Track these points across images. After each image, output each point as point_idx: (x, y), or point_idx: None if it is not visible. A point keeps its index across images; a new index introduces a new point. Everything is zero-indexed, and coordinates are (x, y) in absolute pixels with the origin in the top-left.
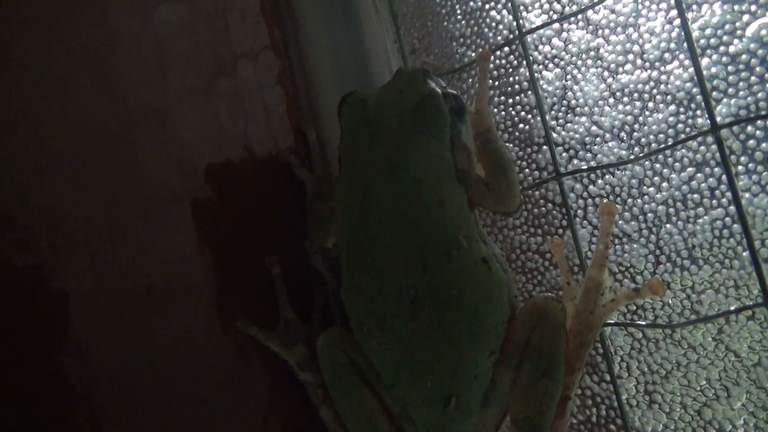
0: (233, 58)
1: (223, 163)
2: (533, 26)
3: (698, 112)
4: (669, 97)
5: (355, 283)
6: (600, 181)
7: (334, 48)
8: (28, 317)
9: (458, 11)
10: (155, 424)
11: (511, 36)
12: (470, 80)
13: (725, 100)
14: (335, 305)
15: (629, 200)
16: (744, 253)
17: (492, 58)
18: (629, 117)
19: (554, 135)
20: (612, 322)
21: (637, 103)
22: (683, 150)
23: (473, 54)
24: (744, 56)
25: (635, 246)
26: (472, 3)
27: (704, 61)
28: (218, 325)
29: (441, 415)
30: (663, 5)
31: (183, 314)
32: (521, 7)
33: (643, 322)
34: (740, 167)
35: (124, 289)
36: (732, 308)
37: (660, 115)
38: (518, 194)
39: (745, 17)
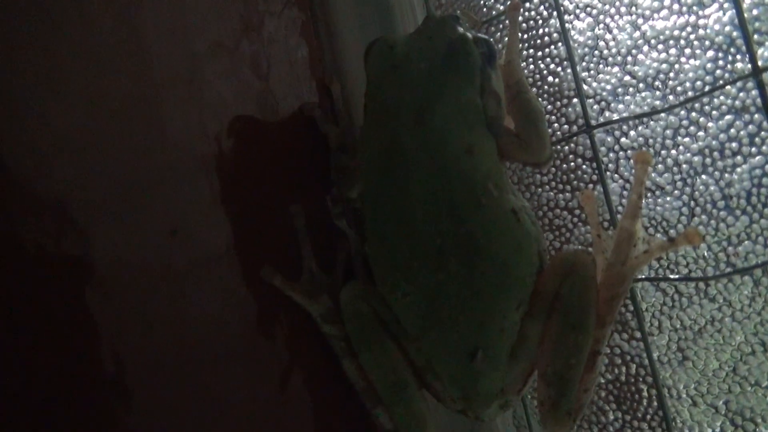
0: (257, 14)
1: (247, 120)
2: None
3: (738, 56)
4: (707, 42)
5: (379, 233)
6: (633, 132)
7: (357, 2)
8: (57, 299)
9: None
10: (181, 384)
11: None
12: (498, 34)
13: (767, 42)
14: (357, 261)
15: (663, 151)
16: None
17: (522, 9)
18: (664, 65)
19: (585, 87)
20: (644, 277)
21: (673, 50)
22: (721, 97)
23: (501, 6)
24: None
25: (669, 199)
26: None
27: (746, 2)
28: (242, 281)
29: (467, 369)
30: None
31: (210, 275)
32: None
33: (676, 276)
34: None
35: (152, 258)
36: None
37: (697, 62)
38: (548, 145)
39: None
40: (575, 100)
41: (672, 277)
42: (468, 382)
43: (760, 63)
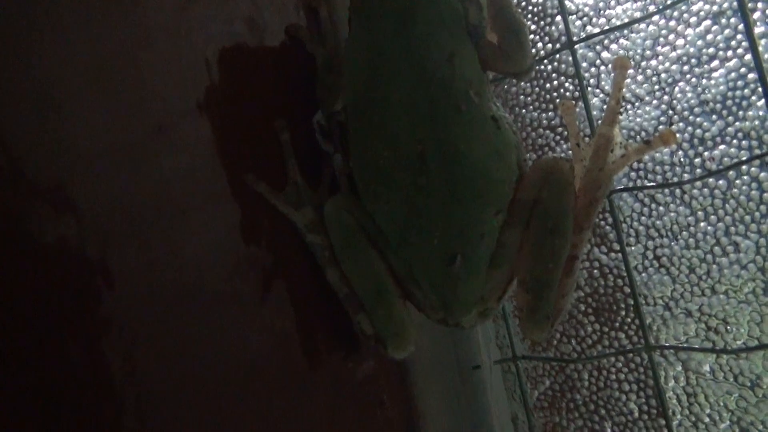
0: None
1: (236, 42)
2: None
3: None
4: None
5: (362, 142)
6: (614, 45)
7: None
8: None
9: None
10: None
11: None
12: None
13: None
14: (341, 176)
15: (642, 62)
16: (759, 102)
17: None
18: None
19: (567, 3)
20: (621, 187)
21: None
22: (699, 3)
23: None
24: None
25: (647, 109)
26: None
27: None
28: (226, 192)
29: (446, 274)
30: None
31: (193, 194)
32: None
33: (653, 184)
34: (757, 14)
35: (153, 211)
36: (743, 158)
37: None
38: (529, 55)
39: None
40: (558, 17)
41: (649, 185)
42: (447, 288)
43: None
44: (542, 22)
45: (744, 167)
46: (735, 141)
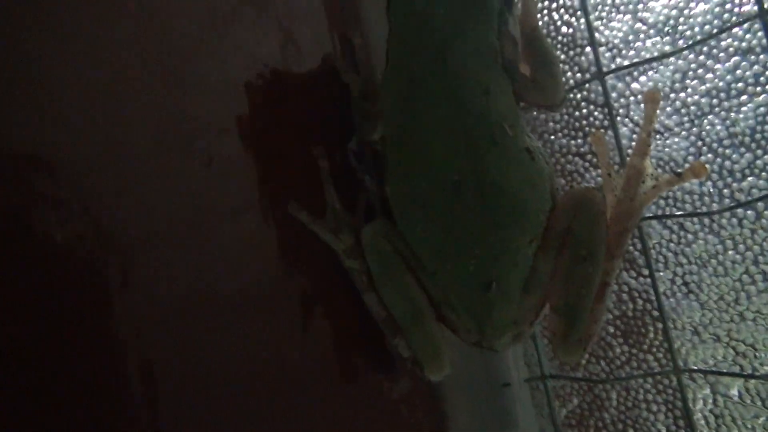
0: None
1: (272, 70)
2: None
3: None
4: None
5: (400, 171)
6: (643, 77)
7: None
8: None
9: None
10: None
11: None
12: None
13: None
14: (378, 201)
15: (672, 94)
16: None
17: None
18: (674, 11)
19: (597, 35)
20: (650, 215)
21: None
22: (728, 39)
23: None
24: None
25: (677, 140)
26: None
27: None
28: (268, 218)
29: (481, 300)
30: None
31: (238, 218)
32: None
33: (682, 213)
34: None
35: (182, 208)
36: None
37: (706, 6)
38: (562, 88)
39: None
40: (588, 48)
41: (678, 213)
42: (482, 313)
43: (765, 4)
44: (572, 52)
45: None
46: (763, 174)
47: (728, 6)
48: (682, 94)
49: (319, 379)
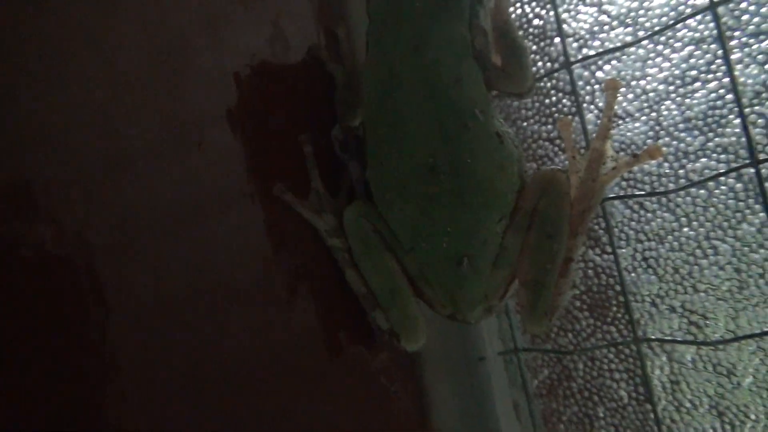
0: None
1: (262, 61)
2: None
3: None
4: None
5: (378, 155)
6: (607, 66)
7: None
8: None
9: None
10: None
11: None
12: None
13: None
14: (359, 185)
15: (633, 82)
16: (735, 120)
17: None
18: (635, 3)
19: (565, 27)
20: (613, 195)
21: None
22: (683, 30)
23: None
24: None
25: (637, 124)
26: None
27: None
28: (255, 201)
29: (454, 274)
30: None
31: (227, 204)
32: None
33: (641, 192)
34: (734, 42)
35: (173, 197)
36: (722, 170)
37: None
38: (530, 76)
39: None
40: (557, 39)
41: (638, 193)
42: (455, 287)
43: None
44: (542, 43)
45: (722, 179)
46: (714, 155)
47: None
48: (642, 82)
49: (304, 356)
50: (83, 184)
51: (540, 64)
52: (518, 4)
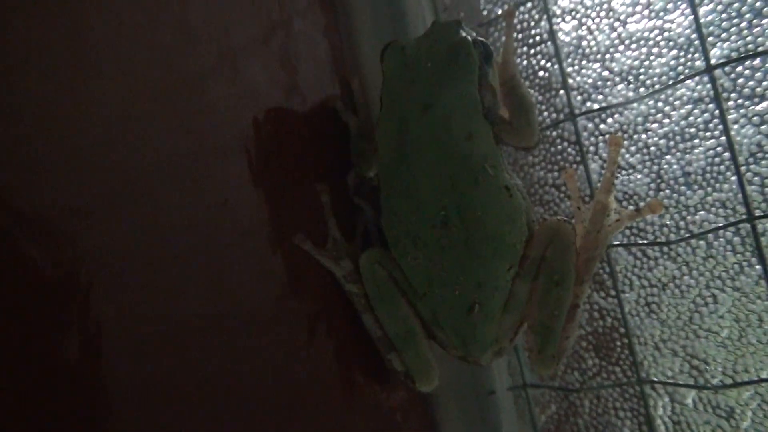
0: (287, 14)
1: (278, 109)
2: None
3: (696, 55)
4: (671, 42)
5: (393, 206)
6: (610, 120)
7: (374, 5)
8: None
9: None
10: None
11: None
12: (496, 34)
13: (719, 43)
14: (374, 230)
15: (635, 136)
16: (732, 177)
17: (516, 13)
18: (636, 62)
19: (570, 80)
20: (617, 243)
21: (643, 49)
22: (682, 89)
23: (499, 10)
24: (736, 4)
25: (639, 176)
26: None
27: (702, 10)
28: (275, 247)
29: (466, 320)
30: None
31: (247, 246)
32: None
33: (644, 242)
34: (730, 102)
35: (193, 232)
36: (720, 225)
37: (663, 59)
38: (537, 132)
39: None
40: (561, 91)
41: (641, 242)
42: (467, 332)
43: (712, 61)
44: (548, 94)
45: (721, 232)
46: (713, 209)
47: (682, 60)
48: (644, 136)
49: (322, 391)
50: (97, 213)
51: (546, 114)
52: (524, 57)
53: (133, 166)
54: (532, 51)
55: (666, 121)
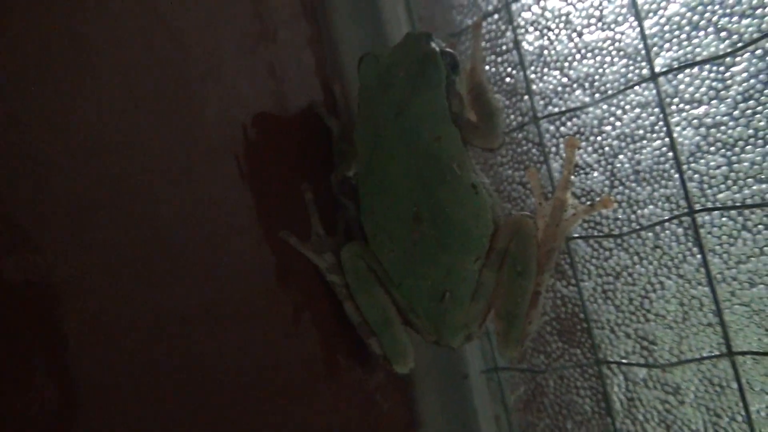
0: (272, 24)
1: (265, 113)
2: None
3: (642, 63)
4: (621, 52)
5: (370, 203)
6: (569, 123)
7: (354, 16)
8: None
9: None
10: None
11: (500, 5)
12: (467, 43)
13: (662, 53)
14: (354, 225)
15: (591, 137)
16: (675, 174)
17: (483, 24)
18: (591, 69)
19: (533, 86)
20: (576, 235)
21: (598, 58)
22: (632, 95)
23: (469, 21)
24: (676, 18)
25: (596, 174)
26: None
27: (647, 22)
28: (263, 242)
29: (438, 307)
30: None
31: (238, 240)
32: None
33: (600, 234)
34: (673, 107)
35: (189, 229)
36: (665, 218)
37: (614, 68)
38: (500, 135)
39: None
40: (526, 96)
41: (596, 234)
42: (438, 318)
43: (657, 69)
44: (514, 99)
45: (666, 224)
46: (659, 203)
47: (631, 68)
48: (599, 137)
49: (308, 375)
50: (100, 206)
51: (512, 117)
52: (492, 64)
53: (130, 164)
54: (499, 59)
55: (618, 123)
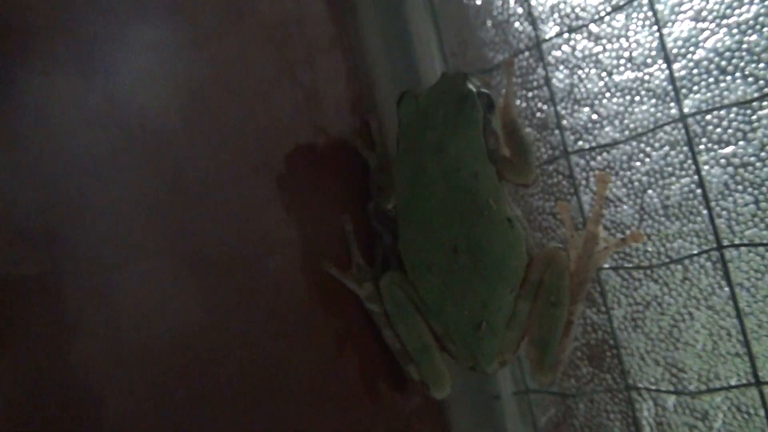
0: (312, 53)
1: (301, 139)
2: (548, 36)
3: (671, 104)
4: (650, 92)
5: (409, 235)
6: (599, 157)
7: (388, 51)
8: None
9: (488, 23)
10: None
11: (530, 43)
12: (498, 78)
13: (691, 95)
14: (390, 255)
15: (620, 172)
16: (703, 211)
17: (515, 61)
18: (621, 108)
19: (564, 121)
20: (606, 266)
21: (627, 97)
22: (660, 133)
23: (501, 57)
24: (704, 62)
25: (625, 207)
26: (499, 16)
27: (676, 65)
28: (305, 272)
29: (474, 336)
30: (646, 21)
31: (273, 271)
32: (539, 20)
33: (630, 265)
34: (701, 146)
35: (228, 250)
36: (694, 252)
37: (644, 107)
38: (534, 171)
39: (705, 33)
40: (556, 131)
41: (627, 265)
42: (475, 346)
43: (685, 110)
44: (544, 133)
45: (695, 258)
46: (689, 237)
47: (660, 107)
48: (629, 173)
49: (347, 396)
50: (147, 210)
51: (543, 150)
52: (523, 99)
53: (181, 175)
54: (530, 94)
55: (647, 160)
